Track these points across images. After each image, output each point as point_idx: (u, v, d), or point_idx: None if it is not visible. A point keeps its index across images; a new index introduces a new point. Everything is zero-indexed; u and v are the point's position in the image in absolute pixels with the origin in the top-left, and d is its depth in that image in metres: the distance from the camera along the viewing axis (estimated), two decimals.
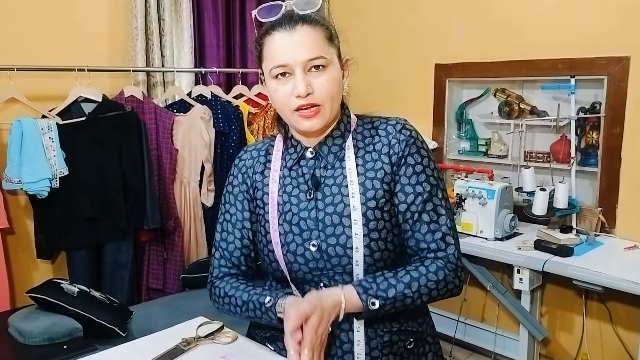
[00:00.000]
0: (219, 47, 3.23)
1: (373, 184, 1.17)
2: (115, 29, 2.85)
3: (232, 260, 1.27)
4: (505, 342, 2.83)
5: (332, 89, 1.14)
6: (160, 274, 2.85)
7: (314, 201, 1.19)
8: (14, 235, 2.57)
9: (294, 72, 1.11)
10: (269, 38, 1.14)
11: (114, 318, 2.14)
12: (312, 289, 1.18)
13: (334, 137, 1.21)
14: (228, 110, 2.99)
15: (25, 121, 2.36)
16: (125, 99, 2.71)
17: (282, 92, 1.14)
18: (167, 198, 2.82)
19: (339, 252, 1.16)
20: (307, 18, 1.14)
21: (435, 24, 3.09)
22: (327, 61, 1.13)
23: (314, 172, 1.21)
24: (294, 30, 1.12)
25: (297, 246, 1.18)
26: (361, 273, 1.16)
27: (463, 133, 3.13)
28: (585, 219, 2.57)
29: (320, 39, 1.13)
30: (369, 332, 1.18)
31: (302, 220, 1.19)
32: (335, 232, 1.16)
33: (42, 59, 2.53)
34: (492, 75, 2.90)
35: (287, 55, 1.11)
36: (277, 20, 1.14)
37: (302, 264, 1.18)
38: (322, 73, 1.13)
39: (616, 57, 2.46)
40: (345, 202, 1.17)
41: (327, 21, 1.18)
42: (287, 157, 1.25)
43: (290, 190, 1.22)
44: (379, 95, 3.17)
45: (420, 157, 1.19)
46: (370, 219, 1.15)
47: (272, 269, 1.24)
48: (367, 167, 1.19)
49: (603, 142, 2.55)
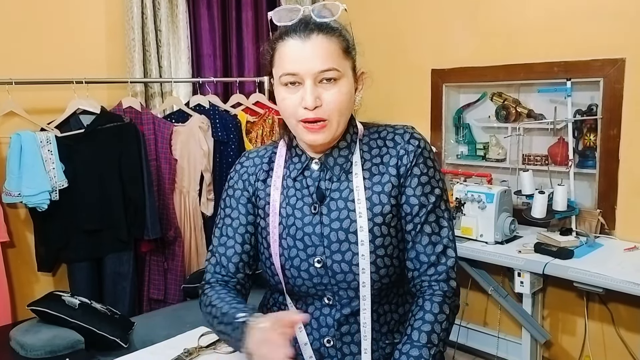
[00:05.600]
0: (216, 57, 3.25)
1: (380, 198, 1.15)
2: (112, 40, 2.87)
3: (228, 266, 1.21)
4: (508, 345, 2.83)
5: (342, 103, 1.10)
6: (161, 284, 2.84)
7: (318, 216, 1.16)
8: (14, 248, 2.57)
9: (304, 82, 1.07)
10: (282, 43, 1.10)
11: (116, 329, 2.14)
12: (315, 302, 1.18)
13: (340, 148, 1.18)
14: (226, 119, 3.00)
15: (24, 134, 2.37)
16: (123, 110, 2.72)
17: (289, 101, 1.10)
18: (167, 208, 2.82)
19: (344, 269, 1.13)
20: (323, 26, 1.09)
21: (431, 30, 3.10)
22: (339, 74, 1.09)
23: (318, 185, 1.18)
24: (308, 39, 1.07)
25: (301, 262, 1.16)
26: (368, 292, 1.13)
27: (461, 137, 3.14)
28: (585, 221, 2.58)
29: (335, 50, 1.09)
30: (372, 345, 1.17)
31: (306, 236, 1.16)
32: (341, 248, 1.13)
33: (40, 72, 2.54)
34: (488, 80, 2.91)
35: (298, 64, 1.07)
36: (292, 26, 1.10)
37: (305, 279, 1.16)
38: (333, 86, 1.09)
39: (611, 59, 2.47)
40: (351, 217, 1.14)
41: (345, 31, 1.13)
42: (291, 166, 1.21)
43: (294, 202, 1.19)
44: (376, 101, 3.14)
45: (427, 167, 1.17)
46: (377, 235, 1.13)
47: (275, 282, 1.21)
48: (374, 180, 1.16)
49: (600, 143, 2.56)
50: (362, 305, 1.15)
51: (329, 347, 1.18)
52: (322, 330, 1.18)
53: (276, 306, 1.28)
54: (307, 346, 1.21)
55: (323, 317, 1.18)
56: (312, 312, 1.19)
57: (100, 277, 2.66)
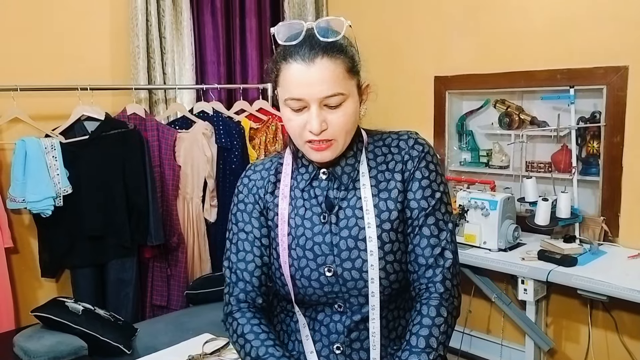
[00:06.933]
0: (220, 64, 3.26)
1: (387, 205, 1.15)
2: (117, 47, 2.88)
3: (252, 281, 1.20)
4: (512, 353, 2.82)
5: (348, 124, 1.10)
6: (164, 290, 2.84)
7: (328, 225, 1.16)
8: (18, 254, 2.58)
9: (309, 106, 1.07)
10: (286, 66, 1.08)
11: (119, 336, 2.14)
12: (326, 309, 1.17)
13: (347, 157, 1.18)
14: (230, 125, 3.01)
15: (28, 141, 2.38)
16: (127, 116, 2.73)
17: (295, 123, 1.10)
18: (171, 214, 2.82)
19: (354, 276, 1.13)
20: (328, 48, 1.06)
21: (433, 37, 3.11)
22: (344, 97, 1.08)
23: (327, 194, 1.18)
24: (312, 64, 1.05)
25: (312, 271, 1.15)
26: (377, 302, 1.13)
27: (464, 144, 3.14)
28: (588, 228, 2.57)
29: (341, 72, 1.07)
30: (381, 352, 1.16)
31: (316, 245, 1.16)
32: (351, 256, 1.13)
33: (44, 79, 2.56)
34: (491, 87, 2.92)
35: (303, 90, 1.06)
36: (296, 47, 1.07)
37: (316, 288, 1.16)
38: (339, 109, 1.08)
39: (614, 66, 2.47)
40: (360, 225, 1.14)
41: (351, 49, 1.11)
42: (299, 177, 1.21)
43: (302, 213, 1.18)
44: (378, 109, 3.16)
45: (428, 171, 1.17)
46: (385, 241, 1.13)
47: (285, 292, 1.20)
48: (380, 187, 1.16)
49: (604, 151, 2.56)
50: (372, 315, 1.15)
51: (338, 354, 1.18)
52: (331, 336, 1.18)
53: (283, 313, 1.27)
54: (313, 354, 1.20)
55: (333, 323, 1.18)
56: (322, 320, 1.19)
57: (103, 283, 2.67)
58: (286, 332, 1.26)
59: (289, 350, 1.24)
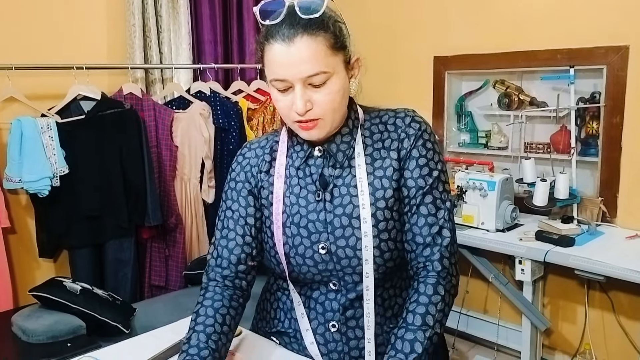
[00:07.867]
0: (217, 43, 3.22)
1: (382, 183, 1.15)
2: (113, 26, 2.85)
3: (230, 258, 1.20)
4: (508, 333, 2.84)
5: (334, 102, 1.08)
6: (163, 271, 2.85)
7: (322, 203, 1.16)
8: (15, 234, 2.57)
9: (294, 86, 1.06)
10: (268, 47, 1.07)
11: (117, 315, 2.15)
12: (321, 288, 1.18)
13: (342, 135, 1.17)
14: (227, 106, 2.99)
15: (24, 120, 2.36)
16: (124, 96, 2.71)
17: (282, 103, 1.10)
18: (168, 195, 2.82)
19: (348, 254, 1.14)
20: (309, 25, 1.04)
21: (433, 16, 3.08)
22: (328, 75, 1.06)
23: (322, 172, 1.17)
24: (292, 43, 1.03)
25: (306, 249, 1.16)
26: (371, 282, 1.14)
27: (463, 125, 3.13)
28: (587, 209, 2.57)
29: (322, 50, 1.04)
30: (376, 329, 1.17)
31: (310, 223, 1.16)
32: (345, 233, 1.14)
33: (40, 58, 2.53)
34: (490, 67, 2.90)
35: (285, 71, 1.05)
36: (277, 27, 1.06)
37: (311, 266, 1.16)
38: (324, 87, 1.06)
39: (615, 46, 2.45)
40: (354, 203, 1.14)
41: (334, 23, 1.07)
42: (294, 155, 1.20)
43: (297, 191, 1.18)
44: (377, 89, 3.14)
45: (425, 149, 1.16)
46: (380, 219, 1.13)
47: (280, 270, 1.21)
48: (375, 165, 1.16)
49: (603, 131, 2.55)
50: (366, 296, 1.15)
51: (333, 332, 1.19)
52: (327, 314, 1.19)
53: (280, 291, 1.28)
54: (308, 332, 1.21)
55: (328, 302, 1.19)
56: (317, 298, 1.20)
57: (101, 263, 2.67)
58: (282, 310, 1.27)
59: (285, 327, 1.25)
